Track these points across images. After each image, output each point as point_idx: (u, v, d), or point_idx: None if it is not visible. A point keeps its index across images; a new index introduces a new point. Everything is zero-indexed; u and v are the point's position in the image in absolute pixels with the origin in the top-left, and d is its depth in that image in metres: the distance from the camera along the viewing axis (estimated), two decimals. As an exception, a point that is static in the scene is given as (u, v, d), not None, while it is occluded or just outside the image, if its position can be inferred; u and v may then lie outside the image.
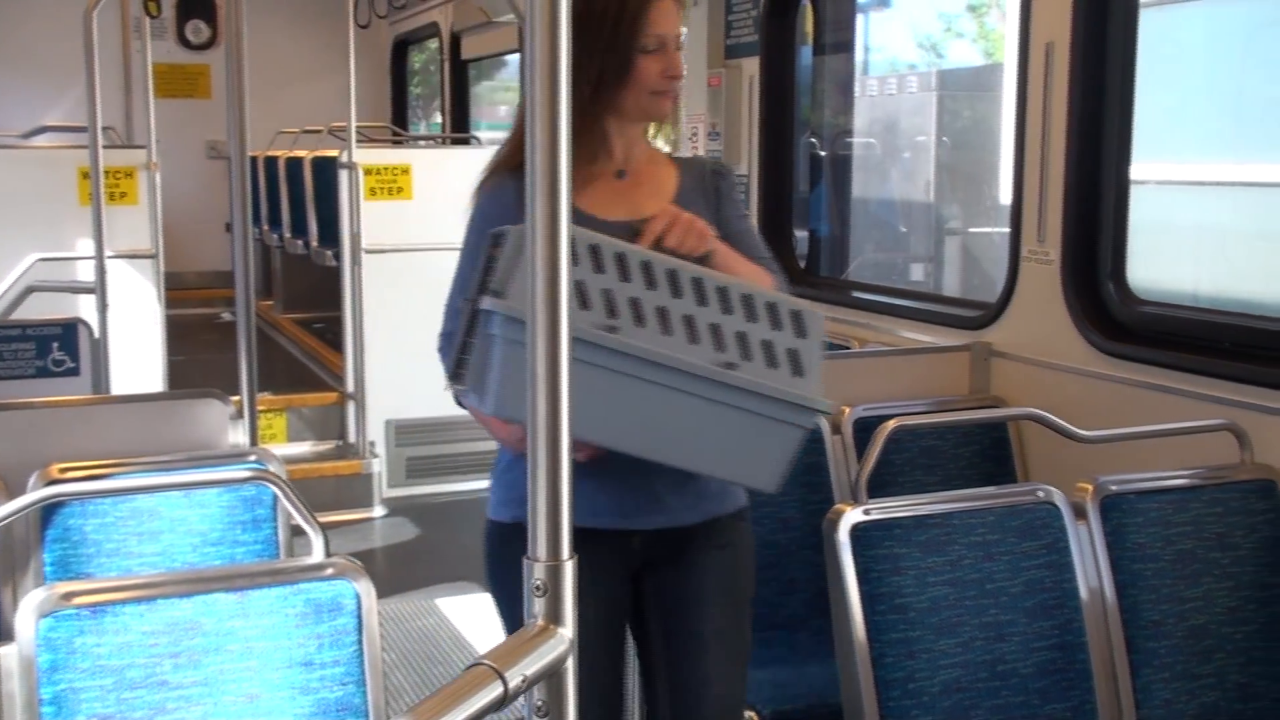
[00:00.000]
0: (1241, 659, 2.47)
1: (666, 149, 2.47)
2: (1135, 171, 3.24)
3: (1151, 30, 3.31)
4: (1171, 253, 4.08)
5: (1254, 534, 2.54)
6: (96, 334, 4.07)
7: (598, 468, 2.08)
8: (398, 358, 6.03)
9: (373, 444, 6.03)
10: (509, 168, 2.24)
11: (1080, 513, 2.45)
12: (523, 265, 1.74)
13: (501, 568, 2.33)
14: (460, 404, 2.18)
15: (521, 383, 1.71)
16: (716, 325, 1.95)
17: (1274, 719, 2.45)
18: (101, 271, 4.33)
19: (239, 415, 2.88)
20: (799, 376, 1.96)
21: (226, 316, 8.25)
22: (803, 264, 4.89)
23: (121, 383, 4.42)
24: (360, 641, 1.97)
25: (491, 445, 2.28)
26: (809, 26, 4.94)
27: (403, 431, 6.13)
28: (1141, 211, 3.39)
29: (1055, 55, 3.25)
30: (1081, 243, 3.26)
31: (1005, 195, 3.52)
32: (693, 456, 2.01)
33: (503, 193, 2.23)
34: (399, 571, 5.22)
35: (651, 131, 2.36)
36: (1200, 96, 4.22)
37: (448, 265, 6.40)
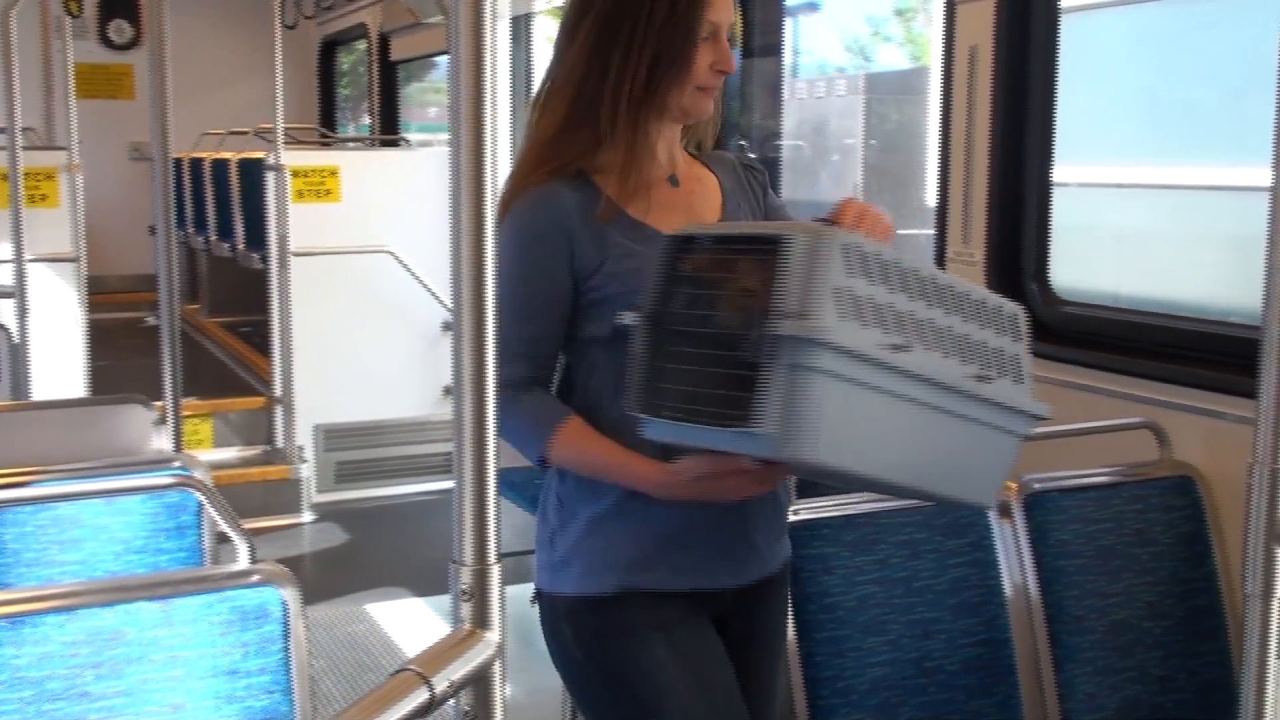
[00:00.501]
0: (1161, 652, 2.52)
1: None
2: (1058, 174, 3.30)
3: (1073, 35, 3.37)
4: (1093, 254, 4.14)
5: (1173, 529, 2.59)
6: (16, 339, 4.00)
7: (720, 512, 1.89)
8: (326, 361, 5.98)
9: (301, 449, 5.98)
10: (549, 170, 1.91)
11: (1005, 511, 2.49)
12: (819, 280, 1.55)
13: (599, 651, 1.97)
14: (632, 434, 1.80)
15: (844, 422, 1.57)
16: (964, 335, 1.73)
17: (1192, 710, 2.51)
18: (21, 275, 4.25)
19: (163, 421, 2.84)
20: (1019, 384, 1.79)
21: (151, 321, 8.13)
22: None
23: (42, 389, 4.34)
24: (287, 649, 1.95)
25: (424, 450, 2.22)
26: (738, 29, 4.96)
27: (331, 436, 6.08)
28: (1064, 213, 3.44)
29: (979, 59, 3.29)
30: (1005, 244, 3.31)
31: (932, 197, 3.55)
32: (936, 479, 1.79)
33: (552, 196, 1.89)
34: (328, 577, 5.17)
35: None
36: (1121, 101, 4.29)
37: (376, 267, 6.35)
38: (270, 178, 5.90)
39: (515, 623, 4.92)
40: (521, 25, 6.91)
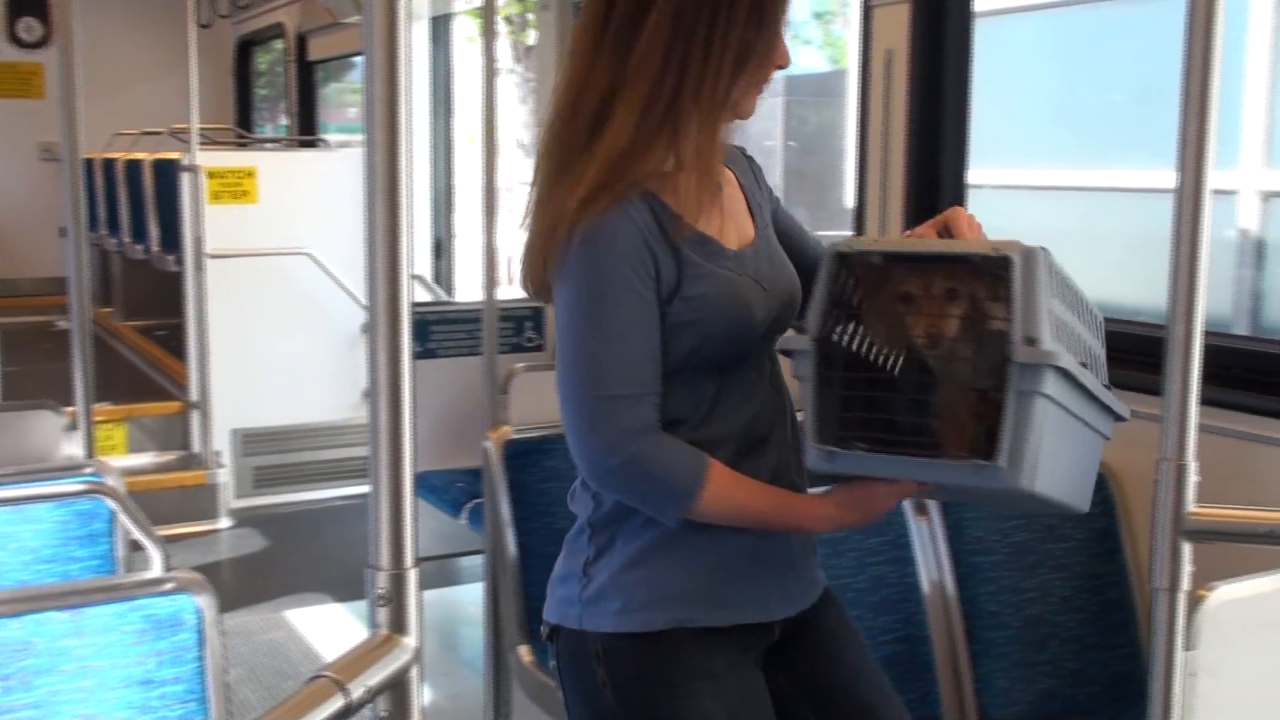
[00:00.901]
0: (1074, 646, 2.56)
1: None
2: (973, 176, 3.34)
3: (987, 40, 3.42)
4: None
5: (1085, 526, 2.63)
6: (-79, 344, 3.90)
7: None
8: (243, 365, 5.90)
9: (218, 454, 5.89)
10: (622, 188, 1.66)
11: (921, 509, 2.52)
12: (1041, 301, 1.49)
13: (638, 696, 1.74)
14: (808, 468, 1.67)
15: (1051, 447, 1.48)
16: (1090, 346, 1.69)
17: (1104, 702, 2.55)
18: (-74, 279, 4.15)
19: (74, 426, 2.79)
20: (1109, 387, 1.74)
21: (62, 324, 7.96)
22: (653, 267, 4.91)
23: (-51, 394, 4.25)
24: (202, 658, 1.92)
25: (344, 454, 2.18)
26: None
27: (249, 440, 6.00)
28: (979, 215, 3.49)
29: (895, 63, 3.33)
30: (922, 246, 3.34)
31: (850, 199, 3.59)
32: (1073, 491, 1.69)
33: (633, 216, 1.66)
34: (246, 584, 5.10)
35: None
36: (1034, 104, 4.36)
37: (294, 269, 6.28)
38: (185, 179, 5.81)
39: (437, 626, 4.93)
40: (441, 26, 6.87)
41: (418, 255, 6.76)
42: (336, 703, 1.02)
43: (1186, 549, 1.34)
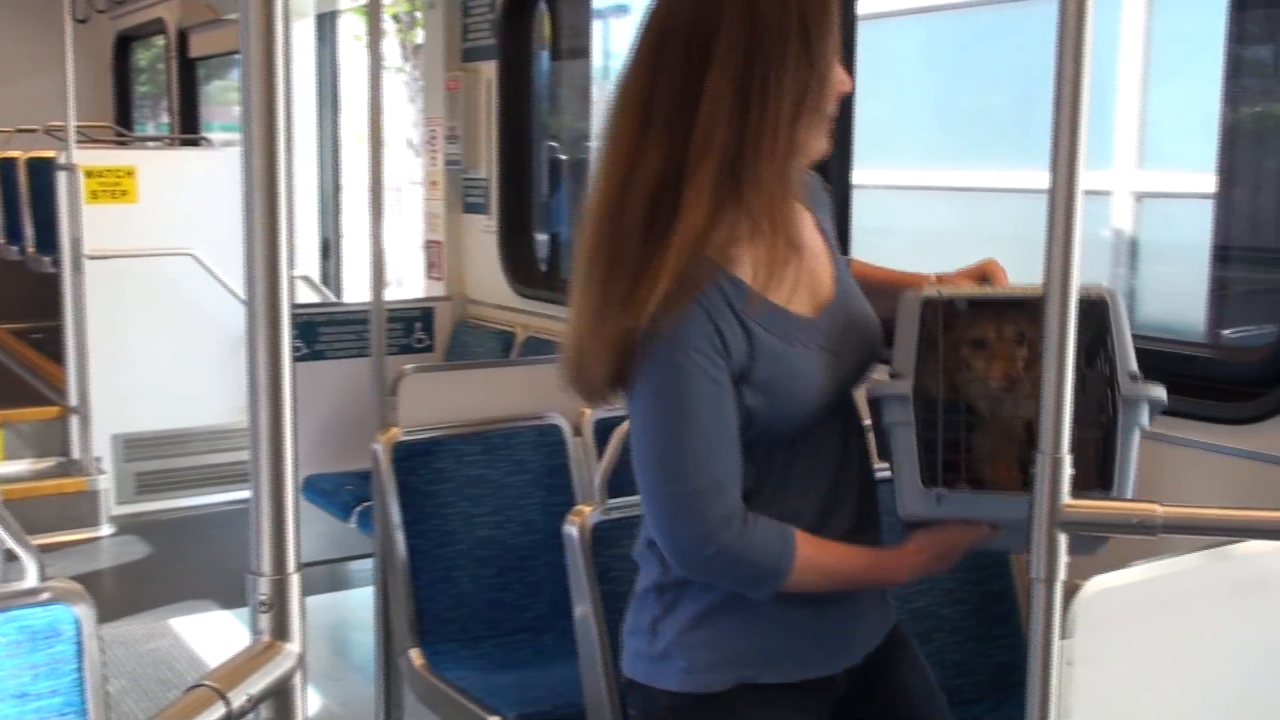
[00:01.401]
0: (958, 637, 2.61)
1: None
2: (858, 177, 3.39)
3: (870, 43, 3.47)
4: (893, 255, 4.27)
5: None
6: None
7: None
8: (124, 369, 5.77)
9: (99, 460, 5.75)
10: (699, 270, 1.58)
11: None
12: (1127, 337, 1.62)
13: None
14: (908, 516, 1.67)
15: None
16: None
17: (987, 690, 2.61)
18: None
19: (-56, 433, 2.70)
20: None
21: (-67, 328, 7.73)
22: (544, 267, 4.91)
23: None
24: (80, 669, 1.87)
25: (228, 458, 2.14)
26: (547, 31, 4.96)
27: (131, 446, 5.87)
28: (865, 217, 3.54)
29: (781, 64, 3.36)
30: (808, 245, 3.38)
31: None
32: None
33: (707, 301, 1.59)
34: (129, 592, 4.99)
35: None
36: (916, 107, 4.44)
37: (177, 270, 6.14)
38: (62, 178, 5.65)
39: (328, 632, 4.86)
40: (326, 23, 6.78)
41: (305, 256, 6.67)
42: (217, 712, 1.00)
43: (1062, 541, 1.37)
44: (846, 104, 3.32)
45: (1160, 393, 1.58)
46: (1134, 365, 1.56)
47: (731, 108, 1.56)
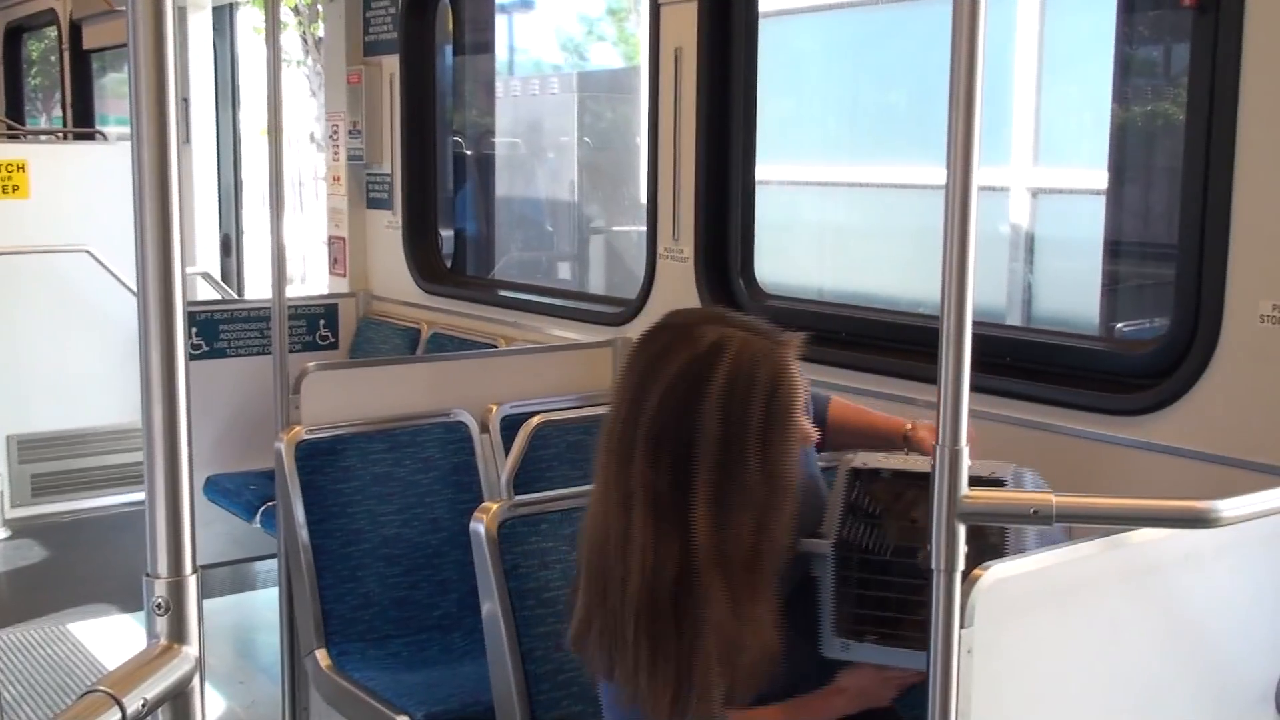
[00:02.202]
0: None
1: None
2: (761, 172, 3.42)
3: (772, 39, 3.50)
4: (795, 249, 4.31)
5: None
6: None
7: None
8: (19, 367, 5.62)
9: (-9, 463, 5.60)
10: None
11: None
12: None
13: None
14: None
15: None
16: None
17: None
18: None
19: None
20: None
21: None
22: (449, 264, 4.88)
23: None
24: (-29, 676, 1.82)
25: (127, 459, 2.10)
26: (450, 26, 4.93)
27: (26, 447, 5.72)
28: (768, 210, 3.57)
29: (684, 60, 3.38)
30: (713, 241, 3.40)
31: (644, 194, 3.63)
32: None
33: None
34: (25, 597, 4.87)
35: None
36: (818, 102, 4.48)
37: (72, 267, 5.99)
38: (-51, 172, 5.49)
39: (232, 634, 4.78)
40: (224, 15, 6.67)
41: (205, 253, 6.56)
42: (112, 718, 0.98)
43: (961, 531, 1.39)
44: (748, 99, 3.36)
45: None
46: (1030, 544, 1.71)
47: (710, 519, 1.74)
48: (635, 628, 1.76)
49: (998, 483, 1.74)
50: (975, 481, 1.72)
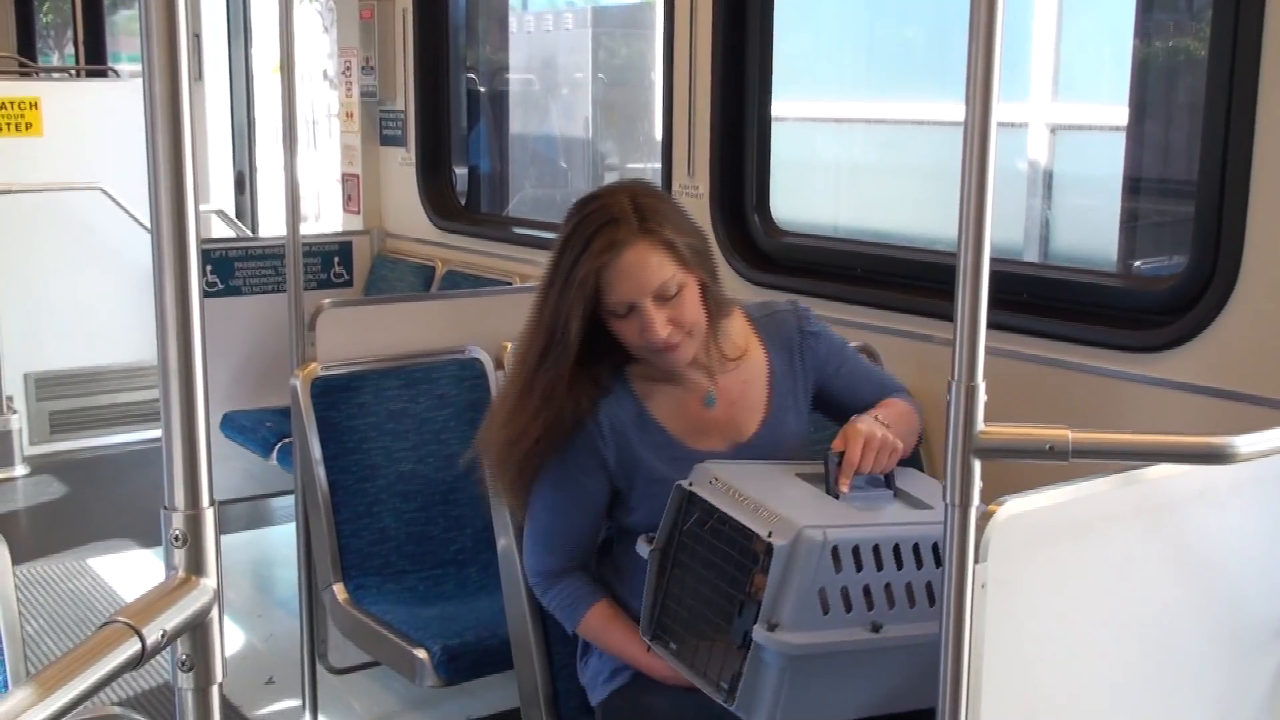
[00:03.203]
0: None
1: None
2: (777, 109, 3.39)
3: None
4: (812, 186, 4.28)
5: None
6: None
7: None
8: (34, 306, 5.64)
9: (10, 399, 5.63)
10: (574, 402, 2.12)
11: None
12: (798, 588, 1.79)
13: None
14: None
15: (806, 697, 1.83)
16: (930, 583, 1.92)
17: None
18: None
19: None
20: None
21: None
22: (463, 201, 4.87)
23: None
24: (-6, 609, 1.84)
25: (143, 396, 2.12)
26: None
27: (44, 385, 5.75)
28: (784, 147, 3.54)
29: (700, -6, 3.34)
30: (728, 177, 3.38)
31: (659, 131, 3.60)
32: (915, 696, 1.95)
33: (588, 426, 2.12)
34: (46, 532, 4.92)
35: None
36: (836, 37, 4.43)
37: (87, 205, 5.98)
38: (-37, 110, 5.48)
39: (251, 569, 4.82)
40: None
41: (219, 191, 6.54)
42: (131, 648, 0.98)
43: (976, 466, 1.39)
44: (764, 34, 3.32)
45: (795, 650, 1.81)
46: (779, 617, 1.79)
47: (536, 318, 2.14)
48: None
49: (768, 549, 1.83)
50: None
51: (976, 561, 1.42)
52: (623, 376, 2.16)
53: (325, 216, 7.33)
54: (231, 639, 3.90)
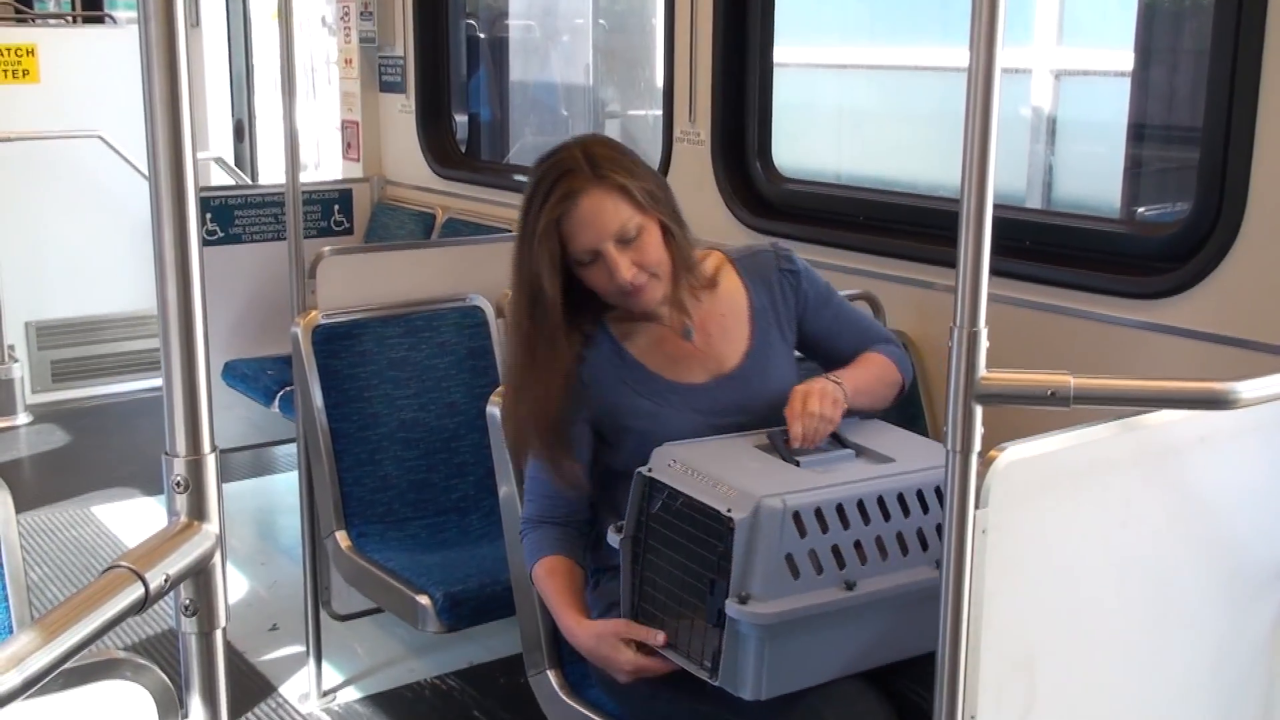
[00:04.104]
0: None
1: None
2: (779, 55, 3.36)
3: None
4: (814, 133, 4.26)
5: (888, 395, 2.71)
6: None
7: None
8: (34, 255, 5.63)
9: (11, 348, 5.63)
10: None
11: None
12: (764, 557, 1.80)
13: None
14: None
15: (789, 664, 1.84)
16: (922, 529, 1.94)
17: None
18: None
19: None
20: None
21: None
22: (463, 148, 4.84)
23: None
24: (-1, 556, 1.85)
25: (145, 344, 2.13)
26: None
27: (45, 333, 5.75)
28: (787, 94, 3.52)
29: (702, -62, 3.30)
30: (730, 124, 3.36)
31: (660, 78, 3.57)
32: (900, 645, 1.98)
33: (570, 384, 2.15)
34: (49, 481, 4.93)
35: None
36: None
37: (85, 153, 5.93)
38: (-41, 57, 5.44)
39: (254, 516, 4.83)
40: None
41: (218, 138, 6.51)
42: (134, 592, 0.99)
43: (978, 412, 1.39)
44: (768, -21, 3.29)
45: (769, 619, 1.81)
46: (749, 588, 1.81)
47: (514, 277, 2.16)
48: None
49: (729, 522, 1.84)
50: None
51: (977, 507, 1.42)
52: (602, 323, 2.21)
53: (325, 164, 7.30)
54: (235, 586, 3.92)
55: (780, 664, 1.85)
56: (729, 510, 1.83)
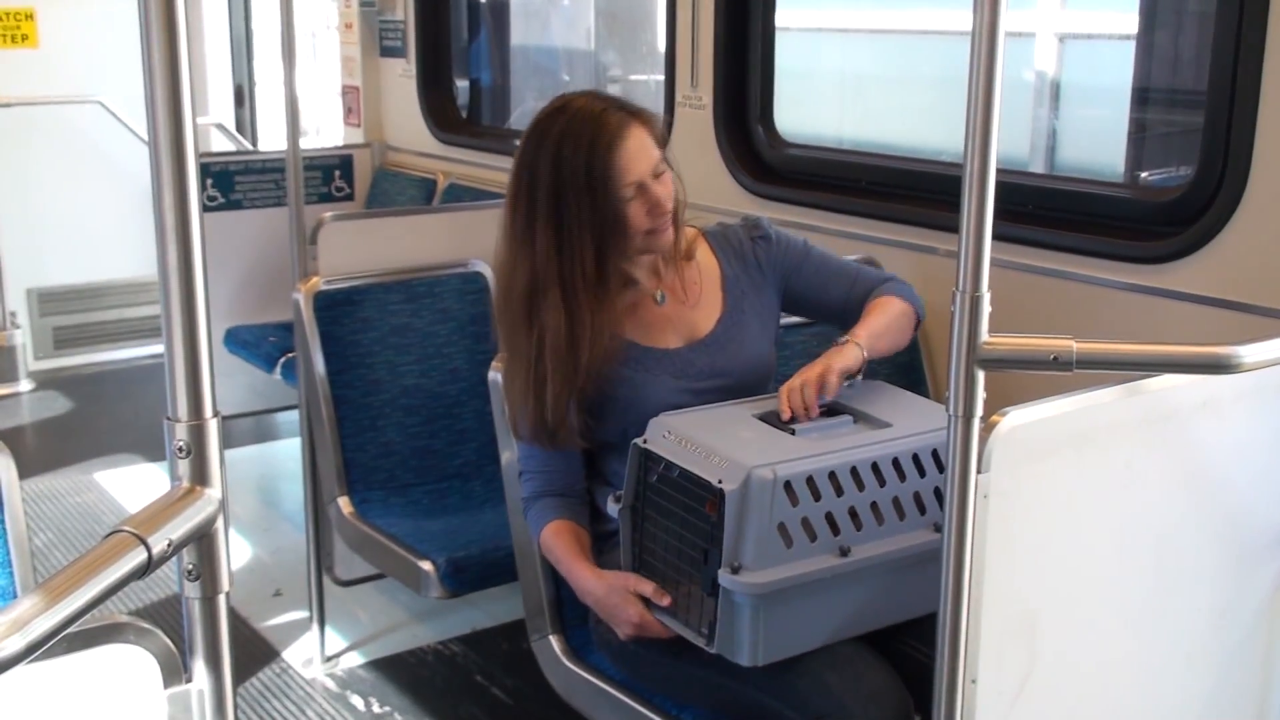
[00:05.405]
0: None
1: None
2: (782, 18, 3.34)
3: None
4: (817, 97, 4.24)
5: (890, 359, 2.71)
6: None
7: None
8: (35, 222, 5.62)
9: (13, 314, 5.63)
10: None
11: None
12: (755, 526, 1.81)
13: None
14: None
15: (785, 630, 1.86)
16: (919, 492, 1.95)
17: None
18: None
19: None
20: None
21: None
22: (464, 113, 4.82)
23: None
24: (2, 522, 1.85)
25: (147, 311, 2.12)
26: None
27: (47, 300, 5.75)
28: (789, 59, 3.50)
29: (703, -100, 3.28)
30: (732, 88, 3.35)
31: (662, 42, 3.55)
32: (897, 610, 2.00)
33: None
34: (52, 447, 4.95)
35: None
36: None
37: (85, 118, 5.91)
38: (-45, 21, 5.42)
39: (257, 483, 4.84)
40: None
41: (219, 104, 6.48)
42: (137, 557, 0.99)
43: (980, 377, 1.39)
44: (771, -59, 3.26)
45: (762, 588, 1.82)
46: (739, 559, 1.82)
47: (555, 241, 2.09)
48: (500, 327, 2.21)
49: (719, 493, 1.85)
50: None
51: (979, 472, 1.42)
52: None
53: (326, 130, 7.27)
54: (238, 552, 3.93)
55: (776, 630, 1.86)
56: (720, 481, 1.84)
